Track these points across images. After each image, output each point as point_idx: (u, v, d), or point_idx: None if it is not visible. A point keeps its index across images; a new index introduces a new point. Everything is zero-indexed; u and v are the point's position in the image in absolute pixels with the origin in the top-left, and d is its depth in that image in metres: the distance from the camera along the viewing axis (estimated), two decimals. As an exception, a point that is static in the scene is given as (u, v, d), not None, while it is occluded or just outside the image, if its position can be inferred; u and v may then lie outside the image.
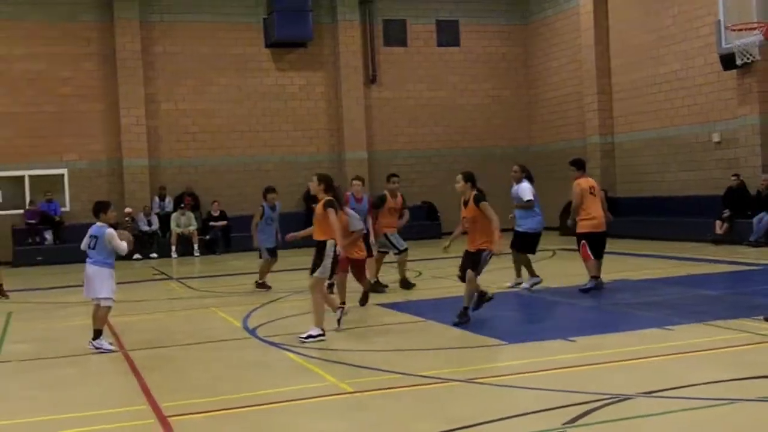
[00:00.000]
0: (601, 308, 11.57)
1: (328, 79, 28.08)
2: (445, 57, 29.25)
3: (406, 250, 14.20)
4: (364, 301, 12.35)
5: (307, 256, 10.64)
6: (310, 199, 26.61)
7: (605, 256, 13.18)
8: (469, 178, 10.71)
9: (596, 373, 7.63)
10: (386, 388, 7.32)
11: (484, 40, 29.67)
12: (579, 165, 13.35)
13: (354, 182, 13.98)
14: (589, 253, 12.69)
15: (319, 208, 10.04)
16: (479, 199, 10.45)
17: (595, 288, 12.66)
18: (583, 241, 12.77)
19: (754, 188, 20.22)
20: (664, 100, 23.65)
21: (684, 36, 22.71)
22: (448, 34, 29.32)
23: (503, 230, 10.54)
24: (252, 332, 10.64)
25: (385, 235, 14.08)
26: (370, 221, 13.64)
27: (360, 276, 12.25)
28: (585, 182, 13.07)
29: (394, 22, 28.84)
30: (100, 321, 9.74)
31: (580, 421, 6.03)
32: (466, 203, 10.61)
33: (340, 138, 27.99)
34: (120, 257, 9.90)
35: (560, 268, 16.72)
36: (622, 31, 25.21)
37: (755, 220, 19.29)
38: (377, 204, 14.13)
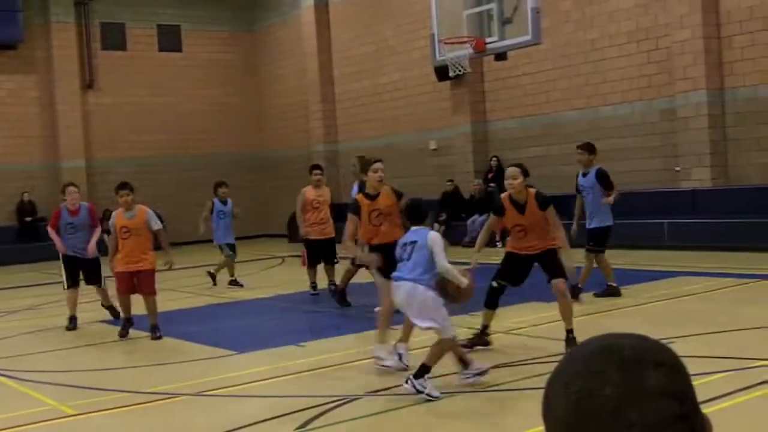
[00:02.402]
0: (329, 313, 11.73)
1: (41, 83, 26.46)
2: (167, 62, 28.56)
3: None
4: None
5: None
6: (23, 212, 25.03)
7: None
8: (525, 171, 8.39)
9: (327, 376, 7.71)
10: (112, 408, 6.96)
11: (208, 47, 29.31)
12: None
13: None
14: None
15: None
16: (546, 201, 8.23)
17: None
18: None
19: (467, 192, 21.49)
20: (385, 109, 24.55)
21: (402, 48, 23.70)
22: (169, 39, 28.67)
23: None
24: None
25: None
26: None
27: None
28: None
29: (111, 25, 27.73)
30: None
31: (311, 425, 6.05)
32: (521, 206, 8.25)
33: (55, 146, 26.44)
34: None
35: (288, 274, 16.78)
36: (344, 41, 25.87)
37: (469, 222, 20.47)
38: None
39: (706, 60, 16.73)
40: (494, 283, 8.47)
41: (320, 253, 12.94)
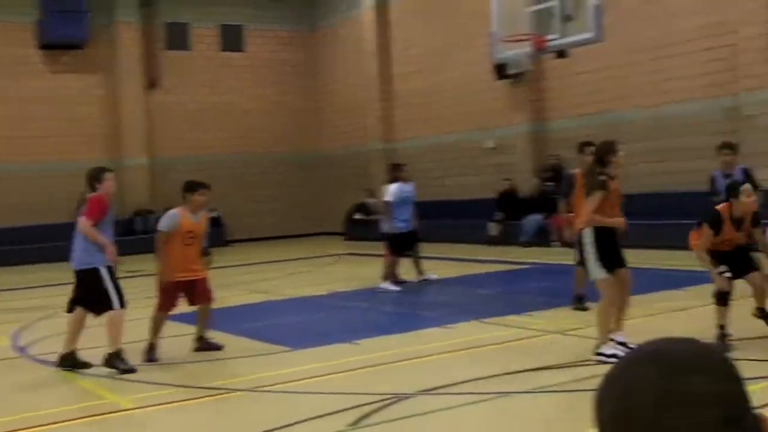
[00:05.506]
0: (384, 310, 11.76)
1: (106, 83, 27.00)
2: (229, 62, 28.91)
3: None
4: None
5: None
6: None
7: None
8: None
9: (379, 374, 7.73)
10: (169, 403, 7.07)
11: (269, 46, 29.58)
12: None
13: None
14: None
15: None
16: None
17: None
18: None
19: (524, 192, 21.34)
20: (444, 108, 24.49)
21: (461, 46, 23.61)
22: (232, 38, 29.01)
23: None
24: (23, 351, 9.99)
25: None
26: None
27: None
28: None
29: (176, 25, 28.17)
30: None
31: (363, 422, 6.08)
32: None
33: (119, 143, 26.95)
34: None
35: (344, 272, 16.88)
36: (403, 40, 25.88)
37: (525, 221, 20.34)
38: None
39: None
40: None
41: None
